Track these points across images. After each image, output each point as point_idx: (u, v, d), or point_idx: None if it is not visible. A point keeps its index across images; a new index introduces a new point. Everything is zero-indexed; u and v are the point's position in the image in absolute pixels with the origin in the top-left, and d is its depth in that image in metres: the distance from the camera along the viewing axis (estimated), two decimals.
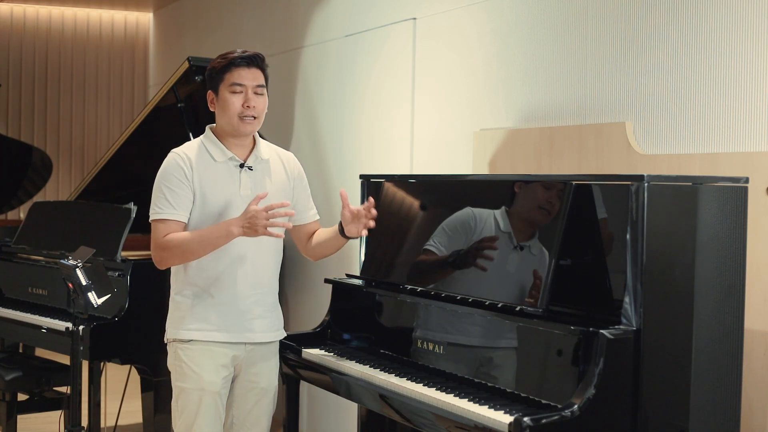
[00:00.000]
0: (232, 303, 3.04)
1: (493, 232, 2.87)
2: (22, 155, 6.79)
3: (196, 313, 3.04)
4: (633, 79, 3.29)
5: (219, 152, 3.05)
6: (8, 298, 4.77)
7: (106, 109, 8.82)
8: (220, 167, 3.04)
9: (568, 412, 2.34)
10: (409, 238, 3.24)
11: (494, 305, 2.76)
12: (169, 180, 3.00)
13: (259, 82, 3.02)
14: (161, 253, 2.99)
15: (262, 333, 3.11)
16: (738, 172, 2.79)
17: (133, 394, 4.65)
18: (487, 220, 2.91)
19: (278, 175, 3.13)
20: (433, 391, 2.73)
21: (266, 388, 3.15)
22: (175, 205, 2.98)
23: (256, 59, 3.03)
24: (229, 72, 3.01)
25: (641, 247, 2.47)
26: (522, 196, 2.84)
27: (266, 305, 3.12)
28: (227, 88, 3.01)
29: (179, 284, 3.09)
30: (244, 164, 3.05)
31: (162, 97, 4.60)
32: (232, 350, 3.06)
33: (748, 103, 2.90)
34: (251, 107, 3.00)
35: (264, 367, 3.14)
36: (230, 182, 3.03)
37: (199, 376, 3.02)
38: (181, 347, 3.06)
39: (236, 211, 2.99)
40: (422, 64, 4.33)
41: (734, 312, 2.63)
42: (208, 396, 3.02)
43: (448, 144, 4.15)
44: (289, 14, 5.57)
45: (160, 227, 2.99)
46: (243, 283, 3.04)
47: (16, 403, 4.43)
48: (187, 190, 2.99)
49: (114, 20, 8.83)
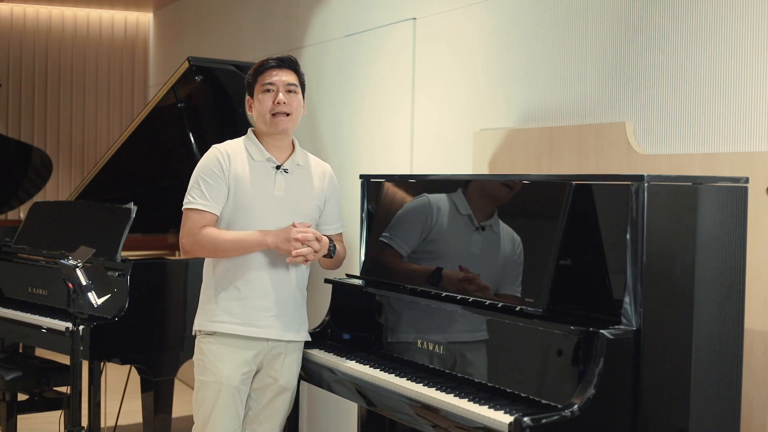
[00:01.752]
0: (257, 298, 3.11)
1: (451, 216, 2.96)
2: (22, 155, 6.78)
3: (221, 306, 3.12)
4: (633, 79, 3.28)
5: (258, 152, 3.15)
6: (8, 298, 4.77)
7: (106, 109, 8.82)
8: (257, 166, 3.14)
9: (568, 412, 2.34)
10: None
11: (494, 305, 2.76)
12: (207, 172, 3.10)
13: (290, 81, 3.15)
14: (193, 245, 3.09)
15: (284, 331, 3.16)
16: (738, 172, 2.79)
17: (133, 394, 4.65)
18: (443, 206, 3.00)
19: (313, 183, 3.24)
20: (432, 391, 2.73)
21: (285, 386, 3.21)
22: (209, 197, 3.09)
23: (287, 61, 3.18)
24: (261, 75, 3.16)
25: (641, 247, 2.47)
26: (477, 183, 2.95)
27: (291, 304, 3.18)
28: (260, 89, 3.15)
29: (209, 277, 3.19)
30: (280, 166, 3.16)
31: (162, 97, 4.60)
32: (254, 345, 3.13)
33: (748, 103, 2.90)
34: (282, 104, 3.11)
35: (285, 366, 3.19)
36: (265, 182, 3.13)
37: (219, 370, 3.09)
38: (204, 340, 3.14)
39: (267, 210, 3.11)
40: (422, 64, 4.33)
41: (734, 312, 2.63)
42: (226, 390, 3.09)
43: (448, 144, 4.14)
44: (289, 14, 5.57)
45: (194, 217, 3.09)
46: (270, 279, 3.13)
47: (16, 403, 4.42)
48: (222, 184, 3.09)
49: (114, 20, 8.83)
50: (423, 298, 3.02)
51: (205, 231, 3.08)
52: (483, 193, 2.93)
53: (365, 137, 4.72)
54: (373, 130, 4.67)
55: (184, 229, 3.12)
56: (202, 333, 3.17)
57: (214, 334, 3.12)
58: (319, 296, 4.60)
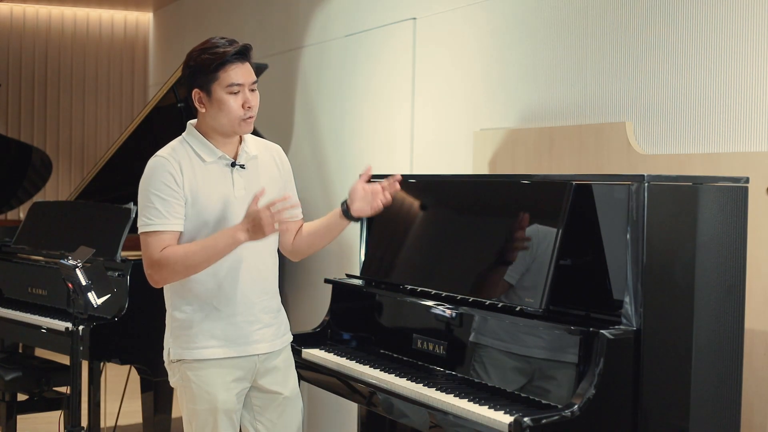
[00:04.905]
0: (239, 314, 2.79)
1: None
2: (22, 155, 6.78)
3: (203, 329, 2.78)
4: (633, 79, 3.28)
5: (208, 152, 2.78)
6: (8, 298, 4.77)
7: (106, 109, 8.82)
8: (210, 168, 2.78)
9: (568, 412, 2.34)
10: (409, 238, 3.24)
11: (494, 305, 2.76)
12: (158, 187, 2.71)
13: (253, 79, 2.78)
14: (159, 271, 2.70)
15: (272, 342, 2.87)
16: (738, 172, 2.78)
17: (133, 394, 4.65)
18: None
19: (269, 170, 2.89)
20: (433, 391, 2.73)
21: (288, 396, 2.92)
22: (167, 215, 2.70)
23: (247, 53, 2.77)
24: (223, 70, 2.72)
25: (641, 247, 2.46)
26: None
27: (273, 311, 2.89)
28: (224, 89, 2.73)
29: (176, 299, 2.82)
30: (235, 163, 2.80)
31: (162, 97, 4.60)
32: (244, 363, 2.83)
33: (748, 103, 2.90)
34: (251, 107, 2.76)
35: (279, 376, 2.91)
36: (223, 184, 2.78)
37: (213, 396, 2.78)
38: (190, 367, 2.80)
39: (234, 215, 2.75)
40: (422, 64, 4.33)
41: (734, 312, 2.63)
42: (223, 415, 2.80)
43: (448, 144, 4.14)
44: (289, 14, 5.57)
45: (153, 241, 2.70)
46: (248, 289, 2.80)
47: (16, 403, 4.43)
48: (179, 197, 2.72)
49: (114, 20, 8.83)
50: (423, 298, 3.02)
51: (165, 252, 2.68)
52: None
53: (365, 137, 4.72)
54: (373, 130, 4.67)
55: (145, 260, 2.73)
56: (183, 361, 2.81)
57: (201, 361, 2.79)
58: (319, 296, 4.61)
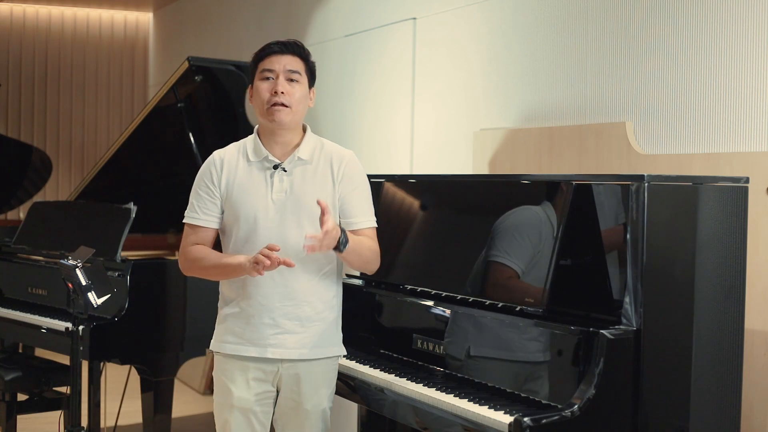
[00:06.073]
0: (259, 316, 2.79)
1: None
2: (22, 155, 6.79)
3: (227, 324, 2.84)
4: (633, 80, 3.28)
5: (255, 152, 2.81)
6: (8, 298, 4.77)
7: (106, 109, 8.82)
8: (253, 168, 2.80)
9: (568, 412, 2.34)
10: (409, 238, 3.24)
11: (494, 305, 2.76)
12: (198, 183, 2.86)
13: (292, 68, 2.77)
14: (183, 262, 2.88)
15: (294, 350, 2.80)
16: (738, 172, 2.79)
17: (133, 394, 4.64)
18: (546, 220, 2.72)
19: (319, 178, 2.81)
20: (433, 391, 2.73)
21: (310, 410, 2.84)
22: (201, 211, 2.83)
23: (292, 45, 2.80)
24: (261, 60, 2.80)
25: (641, 247, 2.47)
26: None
27: (299, 319, 2.80)
28: (259, 76, 2.79)
29: (221, 294, 2.92)
30: (279, 165, 2.78)
31: (162, 97, 4.60)
32: (265, 365, 2.81)
33: (748, 103, 2.90)
34: (279, 93, 2.73)
35: (307, 387, 2.83)
36: (261, 185, 2.78)
37: (230, 391, 2.81)
38: (218, 359, 2.88)
39: (266, 218, 2.76)
40: (422, 64, 4.33)
41: (734, 312, 2.63)
42: (239, 412, 2.81)
43: (448, 144, 4.14)
44: (289, 14, 5.57)
45: (188, 233, 2.86)
46: (269, 293, 2.78)
47: (15, 403, 4.42)
48: (213, 195, 2.82)
49: (114, 20, 8.83)
50: (423, 298, 3.02)
51: (192, 249, 2.83)
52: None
53: (365, 137, 4.72)
54: (373, 130, 4.67)
55: (180, 246, 2.90)
56: (216, 353, 2.90)
57: (224, 355, 2.85)
58: None
